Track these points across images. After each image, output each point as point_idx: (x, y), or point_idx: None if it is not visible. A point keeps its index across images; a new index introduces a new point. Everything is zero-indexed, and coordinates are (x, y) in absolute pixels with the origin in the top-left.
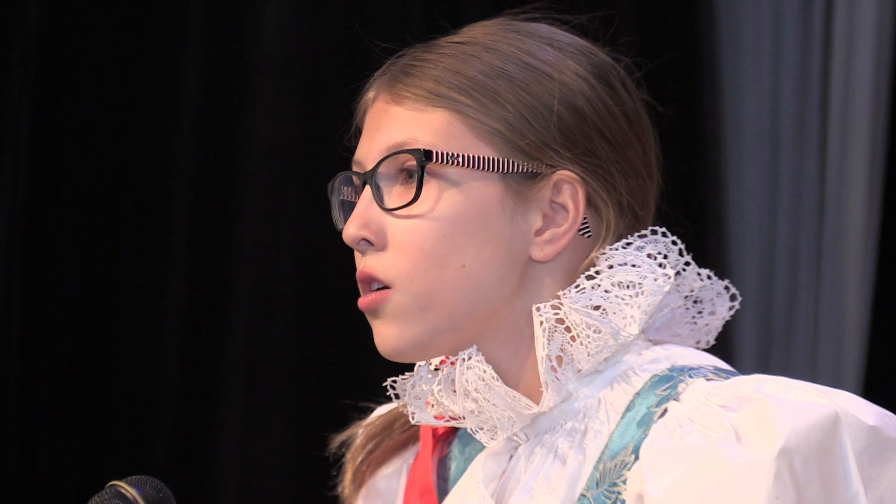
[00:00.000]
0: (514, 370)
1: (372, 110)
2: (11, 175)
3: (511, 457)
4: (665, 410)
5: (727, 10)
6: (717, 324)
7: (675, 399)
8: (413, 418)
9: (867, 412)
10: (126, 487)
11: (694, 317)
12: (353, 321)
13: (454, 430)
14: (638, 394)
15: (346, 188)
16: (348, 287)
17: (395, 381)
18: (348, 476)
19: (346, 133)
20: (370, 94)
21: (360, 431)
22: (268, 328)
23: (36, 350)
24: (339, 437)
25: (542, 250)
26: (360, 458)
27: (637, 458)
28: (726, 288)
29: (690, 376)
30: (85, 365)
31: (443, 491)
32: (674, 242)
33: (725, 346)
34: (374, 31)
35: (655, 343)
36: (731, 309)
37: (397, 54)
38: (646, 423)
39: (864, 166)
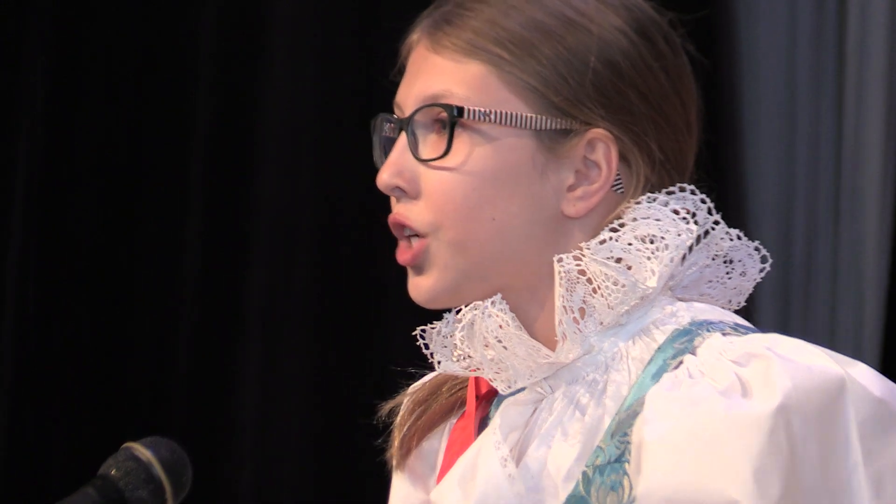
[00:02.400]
0: (541, 322)
1: (413, 54)
2: (28, 134)
3: (535, 409)
4: (680, 363)
5: None
6: (748, 285)
7: (691, 353)
8: (438, 366)
9: (877, 384)
10: (141, 449)
11: (723, 277)
12: (370, 276)
13: (496, 392)
14: (659, 348)
15: (387, 125)
16: (365, 241)
17: (423, 331)
18: (396, 443)
19: (392, 70)
20: (414, 37)
21: (407, 399)
22: (285, 284)
23: (54, 308)
24: (389, 405)
25: (573, 206)
26: (407, 425)
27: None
28: (757, 249)
29: (708, 330)
30: (103, 321)
31: None
32: (703, 201)
33: (744, 306)
34: None
35: (682, 301)
36: (761, 271)
37: None
38: (660, 374)
39: (881, 117)
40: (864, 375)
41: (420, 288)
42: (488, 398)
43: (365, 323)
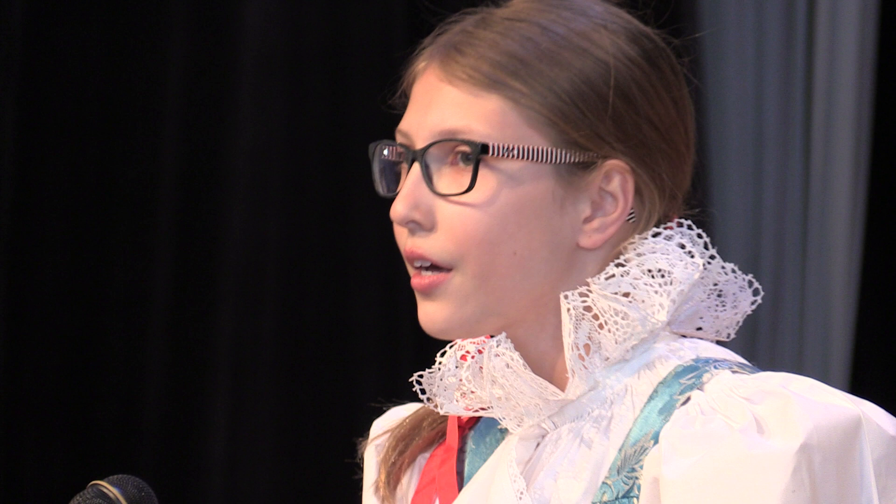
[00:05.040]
0: (553, 355)
1: (422, 82)
2: None
3: (538, 445)
4: (688, 399)
5: (710, 4)
6: (738, 318)
7: (699, 388)
8: (441, 409)
9: (889, 422)
10: (108, 487)
11: (716, 310)
12: (337, 318)
13: (471, 426)
14: (662, 382)
15: (387, 149)
16: (333, 285)
17: (421, 376)
18: (382, 479)
19: (386, 94)
20: (420, 64)
21: (388, 435)
22: (253, 326)
23: (22, 350)
24: (367, 442)
25: (590, 238)
26: (392, 460)
27: (656, 443)
28: (749, 282)
29: (716, 367)
30: (71, 364)
31: (460, 486)
32: (699, 235)
33: None
34: (356, 31)
35: (681, 336)
36: (752, 304)
37: (447, 20)
38: (668, 410)
39: (849, 158)
40: (876, 413)
41: (434, 318)
42: (462, 433)
43: (332, 366)
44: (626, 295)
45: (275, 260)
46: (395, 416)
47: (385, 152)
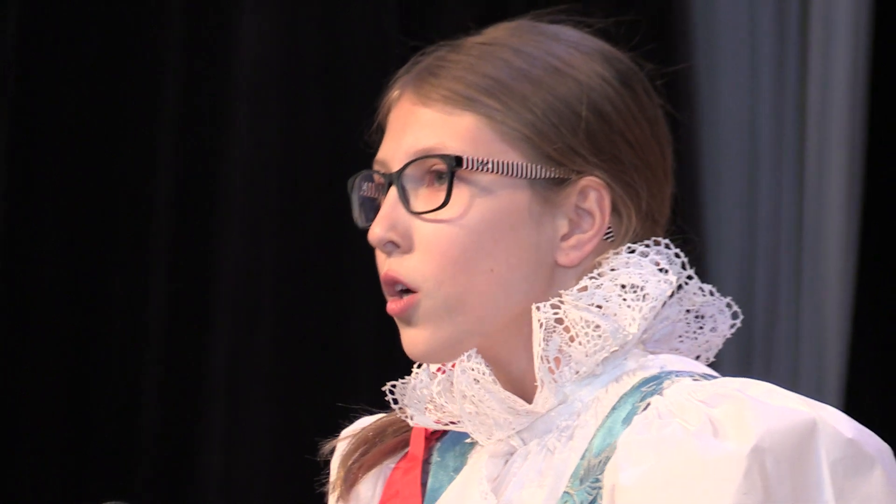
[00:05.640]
0: (531, 372)
1: (396, 110)
2: None
3: (507, 461)
4: (648, 405)
5: (703, 23)
6: (717, 341)
7: (658, 394)
8: (412, 421)
9: (849, 426)
10: None
11: (695, 332)
12: (334, 335)
13: (437, 437)
14: (626, 393)
15: (366, 184)
16: (329, 302)
17: (394, 386)
18: (339, 481)
19: (368, 129)
20: (394, 93)
21: (351, 438)
22: (249, 342)
23: (16, 368)
24: (331, 443)
25: (567, 255)
26: (350, 462)
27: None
28: (728, 305)
29: (677, 375)
30: (67, 381)
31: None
32: (676, 255)
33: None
34: (352, 46)
35: (654, 353)
36: (732, 327)
37: (421, 52)
38: (630, 418)
39: (842, 179)
40: (834, 417)
41: (415, 343)
42: (428, 445)
43: (328, 382)
44: (599, 307)
45: (270, 275)
46: (361, 424)
47: (364, 187)
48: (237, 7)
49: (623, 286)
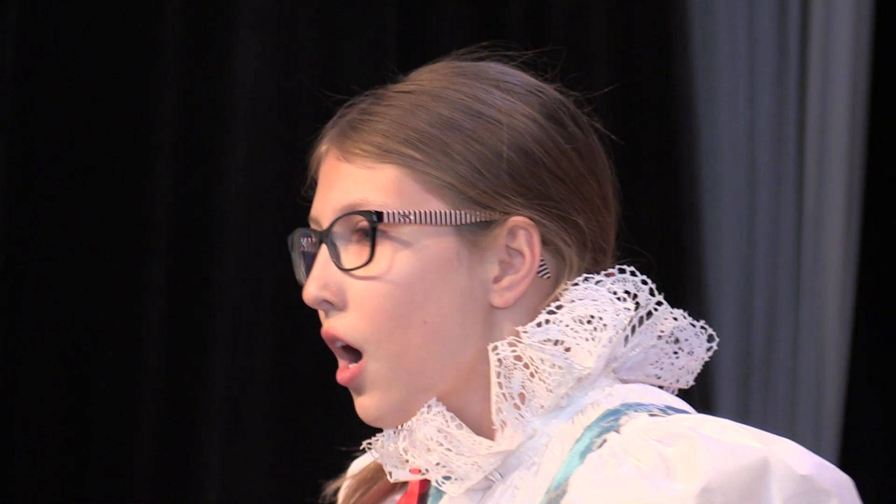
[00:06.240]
0: (488, 415)
1: (325, 165)
2: None
3: (483, 496)
4: (604, 441)
5: (702, 39)
6: (695, 365)
7: (615, 431)
8: (391, 476)
9: (804, 462)
10: None
11: (670, 357)
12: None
13: None
14: (588, 426)
15: (305, 240)
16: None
17: (370, 442)
18: None
19: (303, 185)
20: (323, 147)
21: (351, 479)
22: (247, 369)
23: (14, 395)
24: (334, 484)
25: (501, 297)
26: (351, 502)
27: None
28: (703, 328)
29: (636, 410)
30: (65, 405)
31: None
32: (644, 282)
33: (705, 380)
34: (350, 62)
35: (626, 383)
36: (709, 350)
37: (347, 104)
38: (586, 453)
39: (842, 197)
40: (789, 453)
41: (366, 409)
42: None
43: (326, 408)
44: (558, 342)
45: (268, 300)
46: (362, 463)
47: (303, 242)
48: (234, 22)
49: (580, 319)
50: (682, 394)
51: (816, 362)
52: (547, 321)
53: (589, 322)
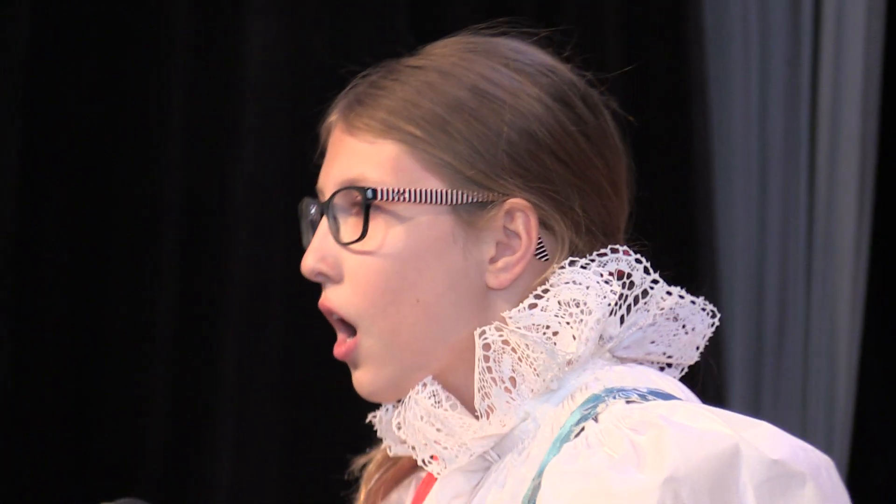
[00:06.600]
0: None
1: (332, 136)
2: None
3: (482, 477)
4: (582, 429)
5: (715, 25)
6: (698, 341)
7: (593, 419)
8: (390, 451)
9: (777, 446)
10: None
11: (672, 334)
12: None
13: None
14: (573, 411)
15: (313, 207)
16: None
17: (374, 416)
18: (362, 497)
19: (315, 154)
20: (332, 118)
21: (378, 455)
22: (258, 349)
23: (24, 374)
24: (362, 459)
25: (496, 278)
26: (374, 478)
27: None
28: (703, 308)
29: (614, 397)
30: (75, 387)
31: None
32: (638, 261)
33: (716, 362)
34: (361, 48)
35: (625, 361)
36: (711, 325)
37: (361, 74)
38: (566, 440)
39: (854, 180)
40: (761, 437)
41: (361, 384)
42: None
43: (338, 389)
44: (541, 327)
45: (279, 282)
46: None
47: (312, 210)
48: (244, 8)
49: (566, 303)
50: (693, 378)
51: (828, 346)
52: (533, 305)
53: (576, 305)
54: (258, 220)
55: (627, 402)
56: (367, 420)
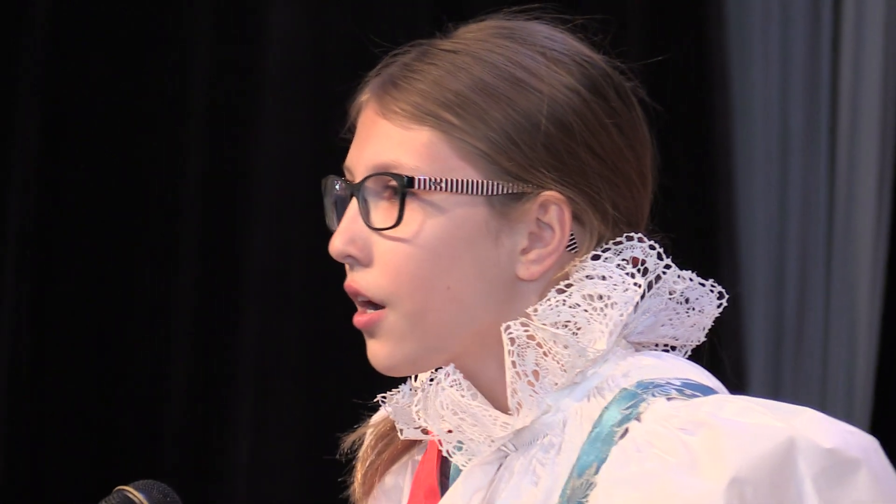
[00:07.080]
0: (503, 382)
1: (363, 116)
2: (21, 185)
3: (500, 465)
4: (626, 430)
5: (736, 8)
6: (706, 322)
7: (636, 419)
8: (401, 434)
9: (827, 433)
10: (133, 492)
11: (681, 316)
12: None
13: None
14: (606, 407)
15: (339, 184)
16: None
17: (385, 396)
18: (358, 478)
19: (342, 127)
20: (364, 97)
21: (370, 431)
22: (278, 331)
23: (46, 355)
24: (350, 438)
25: (528, 269)
26: (370, 459)
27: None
28: (712, 289)
29: (653, 395)
30: (96, 369)
31: (445, 488)
32: (651, 247)
33: (737, 346)
34: (382, 35)
35: (639, 346)
36: (719, 307)
37: (392, 53)
38: (609, 441)
39: (874, 164)
40: (812, 426)
41: (378, 356)
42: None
43: (357, 370)
44: (567, 324)
45: (299, 264)
46: (381, 415)
47: (337, 187)
48: None
49: (590, 297)
50: (714, 361)
51: (848, 328)
52: (558, 300)
53: (599, 300)
54: (278, 206)
55: (668, 398)
56: (375, 400)
